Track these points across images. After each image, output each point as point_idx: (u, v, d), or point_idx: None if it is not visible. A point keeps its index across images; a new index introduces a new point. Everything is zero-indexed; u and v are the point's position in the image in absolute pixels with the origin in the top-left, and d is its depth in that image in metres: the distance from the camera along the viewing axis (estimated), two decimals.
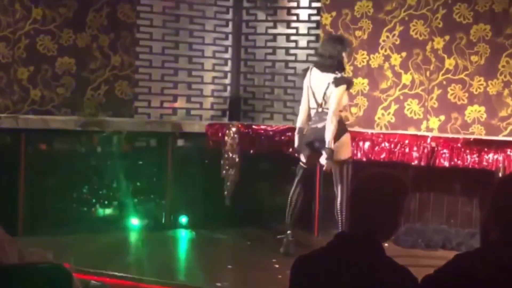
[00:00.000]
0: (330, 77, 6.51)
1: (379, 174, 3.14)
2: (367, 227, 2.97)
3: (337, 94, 6.47)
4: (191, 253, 7.41)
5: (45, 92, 7.92)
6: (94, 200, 7.88)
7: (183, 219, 8.01)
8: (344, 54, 6.65)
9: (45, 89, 7.92)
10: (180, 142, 8.28)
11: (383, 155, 7.29)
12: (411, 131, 7.63)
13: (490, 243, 2.92)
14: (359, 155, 7.36)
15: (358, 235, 2.99)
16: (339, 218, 6.52)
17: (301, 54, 8.55)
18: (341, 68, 6.64)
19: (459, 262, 2.92)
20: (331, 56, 6.57)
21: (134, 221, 7.90)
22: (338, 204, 6.54)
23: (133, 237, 7.71)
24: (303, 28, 8.56)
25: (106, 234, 7.53)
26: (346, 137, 6.64)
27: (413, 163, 7.17)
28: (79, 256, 6.36)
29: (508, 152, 6.79)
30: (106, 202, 7.92)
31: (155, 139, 8.39)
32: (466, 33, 7.51)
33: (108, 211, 7.94)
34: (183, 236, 7.81)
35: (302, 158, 6.84)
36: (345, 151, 6.62)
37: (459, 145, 7.00)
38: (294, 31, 8.59)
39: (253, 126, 7.98)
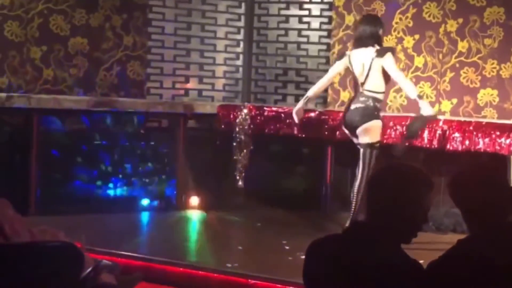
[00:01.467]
0: (371, 51, 6.47)
1: (399, 165, 3.08)
2: (383, 218, 2.93)
3: (388, 62, 6.41)
4: (202, 234, 7.43)
5: (58, 71, 7.94)
6: (105, 180, 7.92)
7: (195, 200, 8.02)
8: (381, 32, 6.61)
9: (58, 69, 7.94)
10: (191, 123, 8.29)
11: (394, 138, 7.25)
12: None
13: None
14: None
15: (373, 225, 2.95)
16: (353, 200, 6.49)
17: (314, 36, 8.53)
18: (380, 44, 6.58)
19: (462, 247, 2.95)
20: (372, 34, 6.51)
21: (145, 202, 7.93)
22: (356, 187, 6.49)
23: (144, 217, 7.75)
24: (315, 9, 8.54)
25: (117, 214, 7.57)
26: (377, 123, 6.52)
27: (424, 146, 7.14)
28: (90, 236, 6.39)
29: None
30: (117, 183, 7.96)
31: (167, 120, 8.41)
32: (480, 16, 7.46)
33: (119, 191, 7.98)
34: (194, 217, 7.82)
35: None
36: (374, 135, 6.51)
37: (471, 128, 6.96)
38: (306, 12, 8.58)
39: (265, 108, 7.97)
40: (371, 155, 6.47)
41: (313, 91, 6.81)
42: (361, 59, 6.46)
